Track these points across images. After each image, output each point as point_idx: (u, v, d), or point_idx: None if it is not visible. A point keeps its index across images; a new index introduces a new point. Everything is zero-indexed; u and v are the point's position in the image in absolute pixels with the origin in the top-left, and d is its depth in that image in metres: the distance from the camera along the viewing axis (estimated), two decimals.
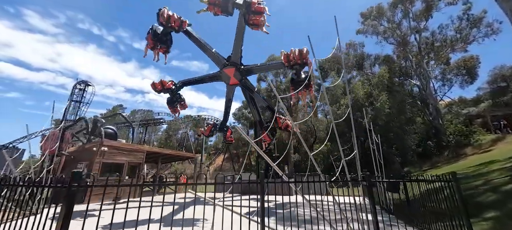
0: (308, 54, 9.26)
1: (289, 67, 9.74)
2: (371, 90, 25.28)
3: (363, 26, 31.04)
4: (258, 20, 9.09)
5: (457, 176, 3.94)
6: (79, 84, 37.51)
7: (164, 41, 10.48)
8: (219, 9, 9.62)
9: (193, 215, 3.11)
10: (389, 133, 23.84)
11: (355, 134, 16.97)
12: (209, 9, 9.73)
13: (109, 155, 11.03)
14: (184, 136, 59.46)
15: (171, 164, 46.34)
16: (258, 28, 9.28)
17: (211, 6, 9.66)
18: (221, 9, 9.60)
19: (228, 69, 11.35)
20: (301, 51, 9.29)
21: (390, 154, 23.59)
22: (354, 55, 31.81)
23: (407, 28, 28.70)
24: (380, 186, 7.58)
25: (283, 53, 9.57)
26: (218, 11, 9.69)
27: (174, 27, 10.08)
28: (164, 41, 10.44)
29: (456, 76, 29.09)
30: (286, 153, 9.58)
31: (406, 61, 30.01)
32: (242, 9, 9.24)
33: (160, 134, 67.97)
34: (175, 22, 10.03)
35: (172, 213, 3.04)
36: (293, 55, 9.33)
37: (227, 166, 50.04)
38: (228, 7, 9.47)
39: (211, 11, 9.80)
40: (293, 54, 9.32)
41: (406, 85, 29.89)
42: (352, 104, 24.74)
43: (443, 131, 23.04)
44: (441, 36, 27.84)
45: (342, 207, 3.44)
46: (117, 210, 2.72)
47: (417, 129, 24.60)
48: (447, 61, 29.49)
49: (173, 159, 20.09)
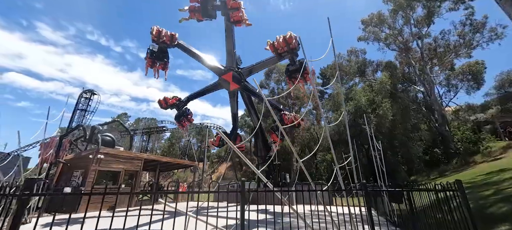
0: (294, 39, 8.77)
1: (279, 56, 9.46)
2: (374, 97, 24.88)
3: (364, 33, 31.04)
4: (238, 16, 9.16)
5: (463, 185, 3.61)
6: (85, 93, 38.32)
7: (161, 58, 10.85)
8: (200, 14, 9.68)
9: (172, 228, 2.87)
10: (393, 140, 23.22)
11: (359, 141, 16.55)
12: (191, 16, 9.84)
13: (105, 162, 10.90)
14: (187, 144, 59.43)
15: (174, 172, 46.07)
16: (240, 24, 9.37)
17: (192, 13, 9.70)
18: (202, 14, 9.67)
19: (226, 75, 11.28)
20: (285, 37, 8.86)
21: (395, 162, 22.87)
22: (355, 61, 31.66)
23: (409, 35, 28.54)
24: (383, 196, 7.16)
25: (269, 42, 9.28)
26: (199, 16, 9.76)
27: (166, 42, 10.55)
28: (160, 58, 10.82)
29: (461, 82, 28.49)
30: (289, 161, 9.05)
31: (409, 67, 29.66)
32: (222, 10, 9.41)
33: (163, 142, 68.09)
34: (166, 37, 10.53)
35: (149, 225, 2.81)
36: (278, 43, 8.97)
37: (230, 174, 49.44)
38: (208, 10, 9.54)
39: (194, 18, 9.90)
40: (278, 42, 8.97)
41: (410, 91, 29.39)
42: (354, 111, 24.39)
43: (450, 138, 22.31)
44: (444, 42, 27.54)
45: (345, 217, 3.14)
46: (104, 219, 2.51)
47: (423, 136, 23.91)
48: (451, 67, 29.01)
49: (172, 167, 19.82)
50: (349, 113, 24.10)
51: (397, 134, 23.14)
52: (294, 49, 9.06)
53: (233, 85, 11.30)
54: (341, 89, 29.27)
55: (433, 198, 4.02)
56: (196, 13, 9.67)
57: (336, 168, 3.64)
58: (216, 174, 50.46)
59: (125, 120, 74.32)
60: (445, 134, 23.03)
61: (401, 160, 23.88)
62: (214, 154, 62.00)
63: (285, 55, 9.36)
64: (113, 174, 11.44)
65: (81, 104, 37.86)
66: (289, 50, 9.02)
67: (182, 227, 3.30)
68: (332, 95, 32.71)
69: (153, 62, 10.70)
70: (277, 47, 9.09)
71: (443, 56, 27.39)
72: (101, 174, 10.84)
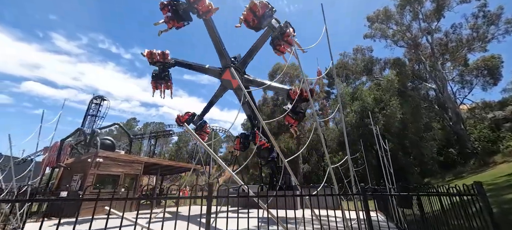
0: (259, 4, 7.87)
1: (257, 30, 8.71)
2: (381, 96, 23.87)
3: (371, 30, 30.09)
4: (204, 6, 8.87)
5: (484, 188, 3.05)
6: (95, 99, 39.60)
7: (163, 78, 11.26)
8: (175, 21, 9.37)
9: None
10: (404, 141, 22.08)
11: (368, 142, 15.58)
12: (168, 26, 9.61)
13: (104, 166, 10.80)
14: (194, 148, 59.65)
15: (181, 175, 46.19)
16: (210, 13, 9.11)
17: (168, 23, 9.40)
18: (177, 20, 9.38)
19: (225, 75, 11.03)
20: (250, 6, 7.93)
21: (407, 163, 21.70)
22: (362, 59, 30.67)
23: (418, 30, 27.40)
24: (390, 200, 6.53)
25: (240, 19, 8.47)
26: (175, 23, 9.59)
27: (160, 61, 10.77)
28: (162, 78, 11.25)
29: (476, 77, 26.91)
30: (294, 162, 8.36)
31: (419, 64, 28.42)
32: (190, 8, 9.08)
33: (171, 146, 68.77)
34: (159, 56, 10.85)
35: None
36: (246, 15, 8.11)
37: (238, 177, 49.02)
38: (180, 15, 9.29)
39: (172, 27, 9.65)
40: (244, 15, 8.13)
41: (421, 89, 28.09)
42: (360, 111, 23.45)
43: (466, 137, 20.97)
44: (456, 36, 26.20)
45: (353, 223, 2.68)
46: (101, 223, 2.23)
47: (436, 135, 22.61)
48: (464, 62, 27.51)
49: (174, 170, 19.66)
50: (356, 113, 23.20)
51: (408, 134, 21.99)
52: (262, 16, 8.10)
53: (235, 83, 11.03)
54: (347, 89, 28.40)
55: (448, 202, 3.46)
56: (171, 21, 9.53)
57: (330, 169, 3.18)
58: (223, 177, 50.16)
59: (134, 124, 75.78)
60: (461, 132, 21.69)
61: (413, 161, 22.64)
62: (221, 157, 61.89)
63: (259, 26, 8.44)
64: (112, 178, 11.33)
65: (92, 110, 39.21)
66: (259, 19, 8.09)
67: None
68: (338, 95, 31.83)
69: (157, 83, 11.18)
70: (248, 19, 8.24)
71: (456, 51, 26.03)
72: (101, 177, 10.74)
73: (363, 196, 2.69)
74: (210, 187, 2.32)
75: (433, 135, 22.38)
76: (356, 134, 21.71)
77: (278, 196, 2.43)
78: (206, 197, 2.26)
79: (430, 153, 21.14)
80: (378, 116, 21.99)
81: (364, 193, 2.70)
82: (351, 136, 21.27)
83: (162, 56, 10.93)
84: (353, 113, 23.43)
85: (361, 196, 2.72)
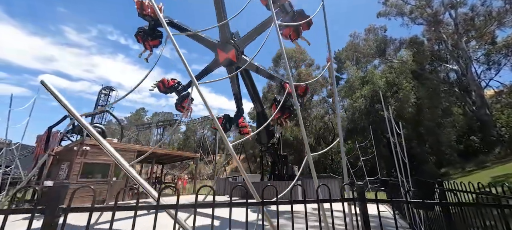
0: None
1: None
2: (394, 79, 21.83)
3: (385, 8, 27.36)
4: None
5: None
6: (104, 90, 40.25)
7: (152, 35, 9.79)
8: (150, 39, 9.58)
9: None
10: (419, 128, 20.27)
11: (378, 130, 13.80)
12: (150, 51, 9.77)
13: (92, 154, 10.29)
14: (202, 137, 60.04)
15: (189, 163, 46.65)
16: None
17: (149, 47, 9.67)
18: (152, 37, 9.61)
19: (221, 53, 9.91)
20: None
21: (422, 152, 20.04)
22: (374, 39, 28.13)
23: (440, 4, 24.45)
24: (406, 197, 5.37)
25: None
26: (153, 42, 9.69)
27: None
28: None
29: (505, 57, 23.92)
30: (300, 152, 7.54)
31: (439, 44, 25.66)
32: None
33: (179, 136, 69.53)
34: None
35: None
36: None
37: (245, 166, 48.88)
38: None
39: (151, 49, 9.76)
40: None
41: (440, 71, 25.53)
42: (370, 96, 21.66)
43: (491, 123, 18.85)
44: (484, 9, 23.10)
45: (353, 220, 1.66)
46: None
47: (456, 121, 20.54)
48: (492, 41, 24.47)
49: (173, 159, 19.24)
50: (366, 99, 21.44)
51: (423, 120, 20.12)
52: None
53: (222, 56, 9.92)
54: (358, 73, 26.42)
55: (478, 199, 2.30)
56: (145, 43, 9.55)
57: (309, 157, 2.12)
58: (230, 166, 50.28)
59: (143, 114, 77.11)
60: (485, 118, 19.53)
61: (429, 150, 20.89)
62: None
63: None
64: (102, 167, 10.84)
65: (101, 100, 39.93)
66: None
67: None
68: (347, 80, 29.80)
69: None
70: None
71: (483, 27, 23.07)
72: (88, 166, 10.25)
73: (359, 194, 1.62)
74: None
75: (452, 121, 20.35)
76: (365, 120, 20.14)
77: (269, 186, 1.56)
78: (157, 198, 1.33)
79: (448, 141, 19.28)
80: (390, 100, 20.17)
81: (360, 188, 1.64)
82: (359, 123, 19.74)
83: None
84: (362, 98, 21.69)
85: (356, 201, 1.64)
